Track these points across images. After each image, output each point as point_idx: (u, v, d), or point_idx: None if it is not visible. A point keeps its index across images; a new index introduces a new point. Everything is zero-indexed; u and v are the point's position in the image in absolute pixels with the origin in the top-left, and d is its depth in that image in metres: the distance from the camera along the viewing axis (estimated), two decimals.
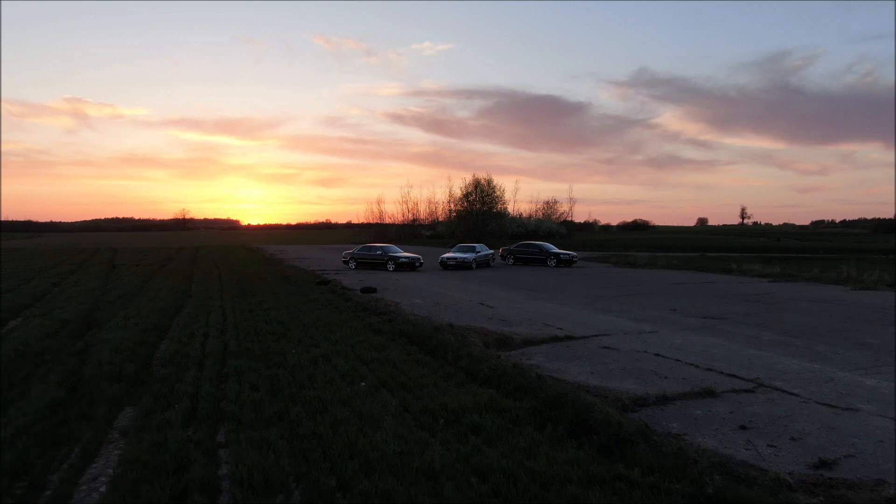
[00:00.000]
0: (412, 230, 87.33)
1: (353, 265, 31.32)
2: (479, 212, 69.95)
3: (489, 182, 70.75)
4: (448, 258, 31.60)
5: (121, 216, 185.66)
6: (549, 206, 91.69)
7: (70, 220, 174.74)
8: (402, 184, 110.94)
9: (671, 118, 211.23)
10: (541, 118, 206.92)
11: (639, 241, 70.69)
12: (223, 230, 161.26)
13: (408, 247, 53.65)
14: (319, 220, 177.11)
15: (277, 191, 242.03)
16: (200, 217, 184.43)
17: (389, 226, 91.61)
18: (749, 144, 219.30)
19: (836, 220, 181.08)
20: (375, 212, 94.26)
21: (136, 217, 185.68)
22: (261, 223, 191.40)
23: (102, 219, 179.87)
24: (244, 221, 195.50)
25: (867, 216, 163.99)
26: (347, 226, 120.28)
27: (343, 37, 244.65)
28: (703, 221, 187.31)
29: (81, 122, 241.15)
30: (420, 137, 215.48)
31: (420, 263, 30.67)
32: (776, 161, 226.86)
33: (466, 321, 13.79)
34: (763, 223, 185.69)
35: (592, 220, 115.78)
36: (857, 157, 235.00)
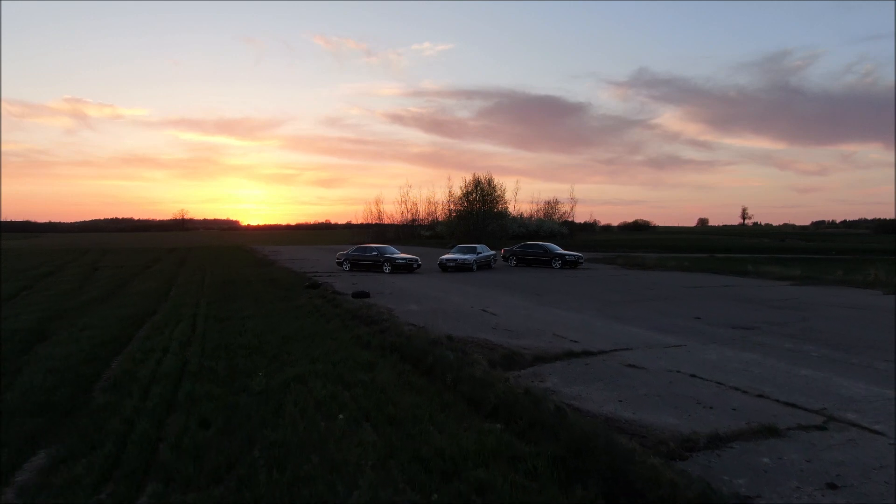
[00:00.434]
0: (411, 230, 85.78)
1: (348, 267, 29.76)
2: (480, 211, 68.33)
3: (490, 181, 69.20)
4: (447, 259, 30.03)
5: (120, 216, 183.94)
6: (551, 206, 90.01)
7: (69, 221, 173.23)
8: (402, 184, 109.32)
9: (671, 118, 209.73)
10: (541, 118, 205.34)
11: (641, 242, 69.26)
12: (222, 231, 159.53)
13: (407, 247, 52.17)
14: (319, 221, 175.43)
15: (277, 191, 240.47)
16: (200, 217, 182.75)
17: (388, 226, 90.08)
18: (749, 145, 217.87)
19: (837, 221, 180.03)
20: (374, 212, 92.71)
21: (136, 217, 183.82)
22: (260, 224, 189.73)
23: (102, 219, 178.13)
24: (244, 222, 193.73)
25: (867, 216, 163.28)
26: (347, 226, 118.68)
27: (343, 37, 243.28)
28: (704, 222, 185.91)
29: (81, 123, 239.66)
30: (420, 138, 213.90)
31: (418, 265, 29.07)
32: (776, 161, 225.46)
33: (467, 332, 12.27)
34: (763, 223, 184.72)
35: (593, 221, 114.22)
36: (857, 158, 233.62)
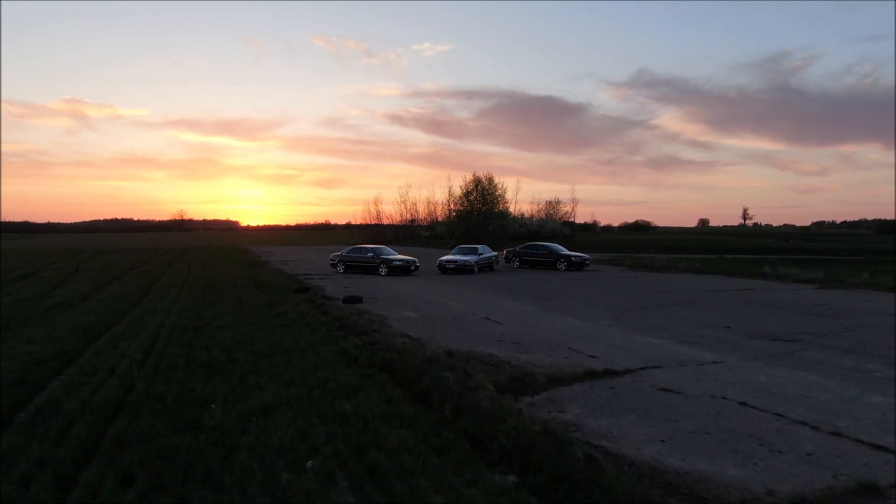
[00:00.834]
0: (410, 231, 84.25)
1: (342, 269, 28.24)
2: (480, 211, 66.91)
3: (490, 180, 67.81)
4: (447, 261, 28.49)
5: (120, 217, 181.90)
6: (552, 207, 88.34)
7: (69, 221, 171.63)
8: (402, 184, 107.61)
9: (671, 119, 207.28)
10: (541, 119, 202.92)
11: (643, 242, 67.85)
12: (222, 231, 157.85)
13: (405, 248, 50.72)
14: (319, 222, 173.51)
15: (277, 192, 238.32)
16: (200, 218, 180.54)
17: (387, 226, 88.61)
18: (749, 145, 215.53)
19: (837, 221, 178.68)
20: (373, 212, 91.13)
21: (136, 218, 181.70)
22: (260, 224, 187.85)
23: (101, 220, 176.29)
24: (244, 223, 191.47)
25: (867, 217, 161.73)
26: (347, 227, 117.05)
27: (343, 37, 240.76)
28: (705, 222, 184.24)
29: (81, 123, 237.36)
30: (420, 138, 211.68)
31: (416, 267, 27.52)
32: (776, 162, 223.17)
33: (469, 344, 10.77)
34: (763, 224, 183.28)
35: (594, 221, 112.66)
36: (857, 158, 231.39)
